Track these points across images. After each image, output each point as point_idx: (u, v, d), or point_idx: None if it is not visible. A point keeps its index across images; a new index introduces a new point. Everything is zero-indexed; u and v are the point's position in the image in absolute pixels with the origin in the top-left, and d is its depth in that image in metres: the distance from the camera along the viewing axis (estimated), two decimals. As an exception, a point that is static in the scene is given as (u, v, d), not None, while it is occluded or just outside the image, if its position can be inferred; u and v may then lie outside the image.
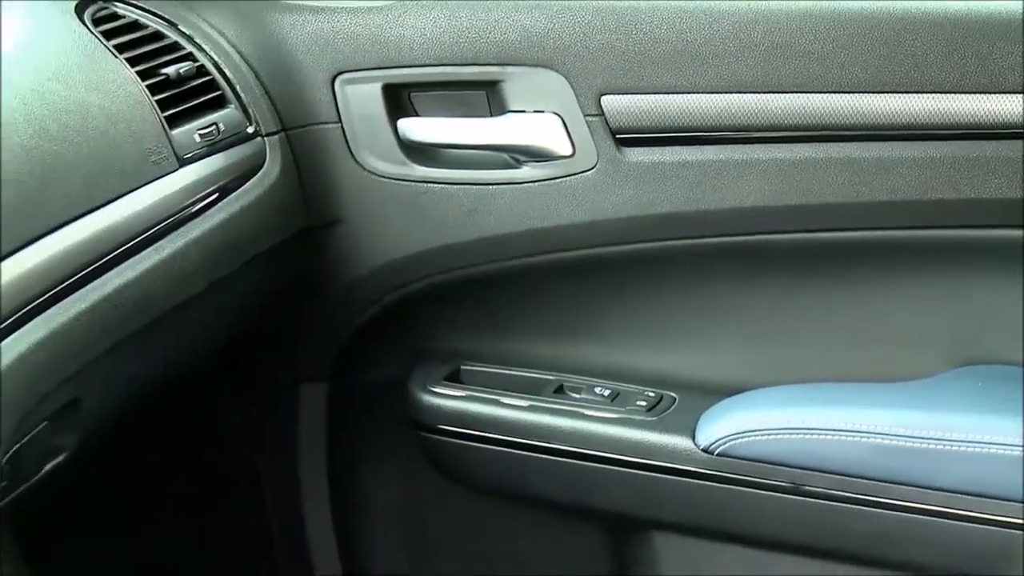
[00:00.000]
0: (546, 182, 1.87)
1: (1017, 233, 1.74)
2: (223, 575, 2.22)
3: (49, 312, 1.54)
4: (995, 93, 1.67)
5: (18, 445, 1.52)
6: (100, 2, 1.87)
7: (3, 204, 1.51)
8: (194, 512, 2.21)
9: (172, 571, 2.24)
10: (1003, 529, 1.69)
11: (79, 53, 1.77)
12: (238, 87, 1.91)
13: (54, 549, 2.15)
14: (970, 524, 1.70)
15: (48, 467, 1.65)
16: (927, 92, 1.69)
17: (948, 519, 1.71)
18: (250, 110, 1.92)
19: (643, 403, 1.92)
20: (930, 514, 1.72)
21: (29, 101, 1.63)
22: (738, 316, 1.93)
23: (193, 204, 1.79)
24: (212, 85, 1.89)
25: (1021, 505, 1.67)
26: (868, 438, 1.73)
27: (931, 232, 1.78)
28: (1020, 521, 1.68)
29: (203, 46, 1.91)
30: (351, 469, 2.12)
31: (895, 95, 1.71)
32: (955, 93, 1.68)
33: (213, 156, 1.84)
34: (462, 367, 2.03)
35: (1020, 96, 1.66)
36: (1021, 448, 1.66)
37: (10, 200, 1.52)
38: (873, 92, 1.72)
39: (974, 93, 1.68)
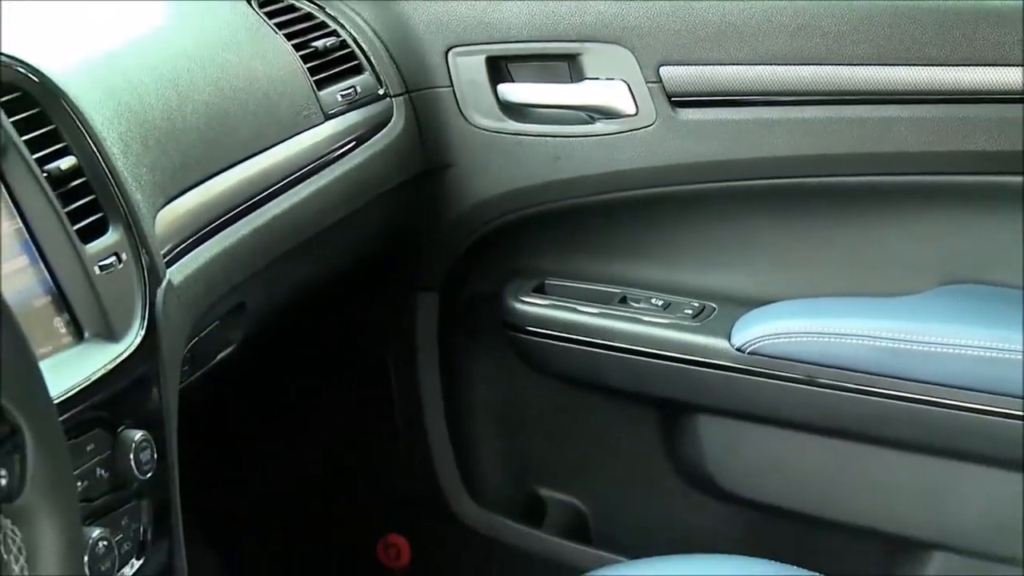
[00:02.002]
0: (614, 135, 1.87)
1: (992, 178, 1.73)
2: (357, 441, 2.24)
3: (222, 233, 1.56)
4: (977, 66, 1.65)
5: (197, 338, 1.53)
6: (264, -12, 1.88)
7: (186, 148, 1.53)
8: (334, 392, 2.23)
9: (315, 439, 2.26)
10: (984, 416, 1.69)
11: (247, 29, 1.78)
12: (371, 57, 1.92)
13: (219, 428, 2.17)
14: (951, 411, 1.70)
15: (220, 356, 1.66)
16: (921, 65, 1.68)
17: (932, 406, 1.71)
18: (381, 76, 1.92)
19: (689, 311, 1.91)
20: (918, 402, 1.72)
21: (208, 67, 1.64)
22: (767, 243, 1.92)
23: (335, 150, 1.80)
24: (351, 56, 1.90)
25: (989, 395, 1.68)
26: (869, 341, 1.73)
27: (922, 177, 1.76)
28: (996, 409, 1.68)
29: (344, 24, 1.91)
30: (457, 361, 2.13)
31: (896, 67, 1.70)
32: (944, 66, 1.67)
33: (351, 112, 1.85)
34: (547, 282, 2.03)
35: (997, 68, 1.64)
36: (989, 349, 1.66)
37: (192, 144, 1.54)
38: (878, 64, 1.71)
39: (960, 66, 1.66)
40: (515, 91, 1.92)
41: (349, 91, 1.85)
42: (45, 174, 1.29)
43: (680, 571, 1.60)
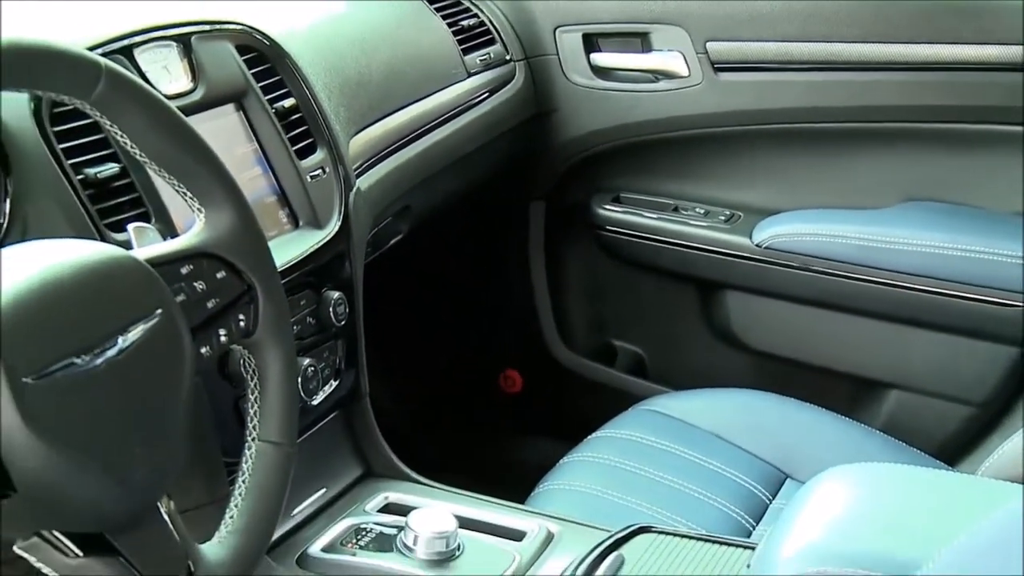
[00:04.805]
0: (672, 91, 1.85)
1: (945, 125, 1.70)
2: (484, 306, 2.25)
3: (395, 155, 1.56)
4: (937, 44, 1.62)
5: (376, 229, 1.54)
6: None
7: (371, 94, 1.53)
8: (469, 272, 2.24)
9: (455, 303, 2.27)
10: (931, 295, 1.67)
11: (416, 13, 1.77)
12: (502, 33, 1.90)
13: (391, 292, 2.19)
14: (907, 291, 1.68)
15: (391, 242, 1.67)
16: (896, 42, 1.65)
17: (893, 287, 1.69)
18: (508, 46, 1.90)
19: (723, 218, 1.89)
20: (883, 284, 1.70)
21: (387, 37, 1.65)
22: (780, 170, 1.89)
23: (474, 99, 1.79)
24: (487, 31, 1.88)
25: (935, 279, 1.66)
26: (850, 240, 1.72)
27: (894, 124, 1.73)
28: (939, 290, 1.66)
29: (483, 9, 1.89)
30: (557, 250, 2.13)
31: (877, 44, 1.66)
32: (912, 43, 1.64)
33: (486, 72, 1.83)
34: (621, 195, 2.01)
35: (952, 45, 1.61)
36: (936, 247, 1.65)
37: (375, 92, 1.54)
38: (864, 42, 1.67)
39: (924, 43, 1.63)
40: (603, 59, 1.90)
41: (485, 56, 1.84)
42: (274, 110, 1.30)
43: (711, 400, 1.61)
